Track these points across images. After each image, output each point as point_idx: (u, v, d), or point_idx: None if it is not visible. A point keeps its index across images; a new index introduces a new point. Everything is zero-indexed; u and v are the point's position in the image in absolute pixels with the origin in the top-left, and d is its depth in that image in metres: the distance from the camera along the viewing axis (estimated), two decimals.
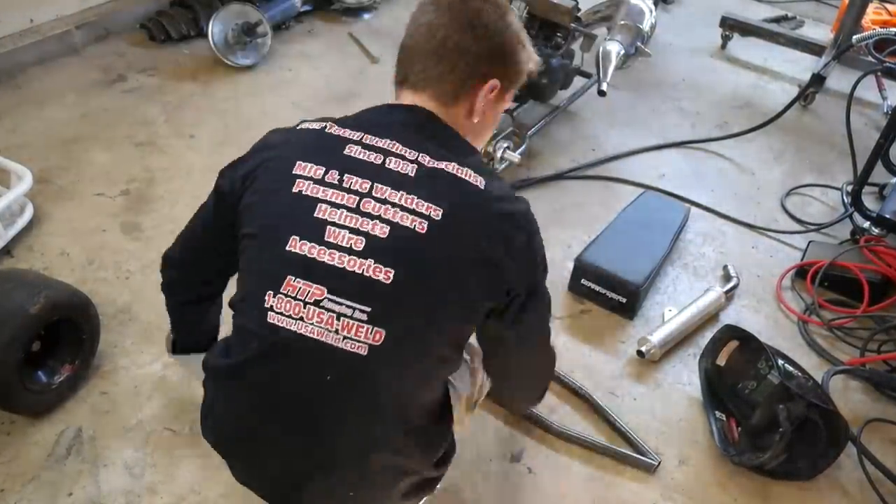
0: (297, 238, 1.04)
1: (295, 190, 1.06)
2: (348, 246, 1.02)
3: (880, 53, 3.13)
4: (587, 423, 1.83)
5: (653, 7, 2.84)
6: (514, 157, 2.44)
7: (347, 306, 1.02)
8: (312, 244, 1.03)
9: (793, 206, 2.65)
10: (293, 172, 1.07)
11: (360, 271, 1.02)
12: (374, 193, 1.05)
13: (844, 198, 2.63)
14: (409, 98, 1.18)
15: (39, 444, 1.66)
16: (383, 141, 1.10)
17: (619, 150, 2.84)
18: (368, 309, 1.01)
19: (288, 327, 1.03)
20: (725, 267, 2.31)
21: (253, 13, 3.15)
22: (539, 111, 2.95)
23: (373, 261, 1.02)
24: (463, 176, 1.07)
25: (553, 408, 1.84)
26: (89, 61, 3.10)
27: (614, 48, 2.63)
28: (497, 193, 1.09)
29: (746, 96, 3.31)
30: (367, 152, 1.08)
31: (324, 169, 1.07)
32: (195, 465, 1.63)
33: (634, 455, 1.74)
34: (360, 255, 1.02)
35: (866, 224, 2.44)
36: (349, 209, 1.04)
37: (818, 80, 3.07)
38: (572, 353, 2.01)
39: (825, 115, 3.20)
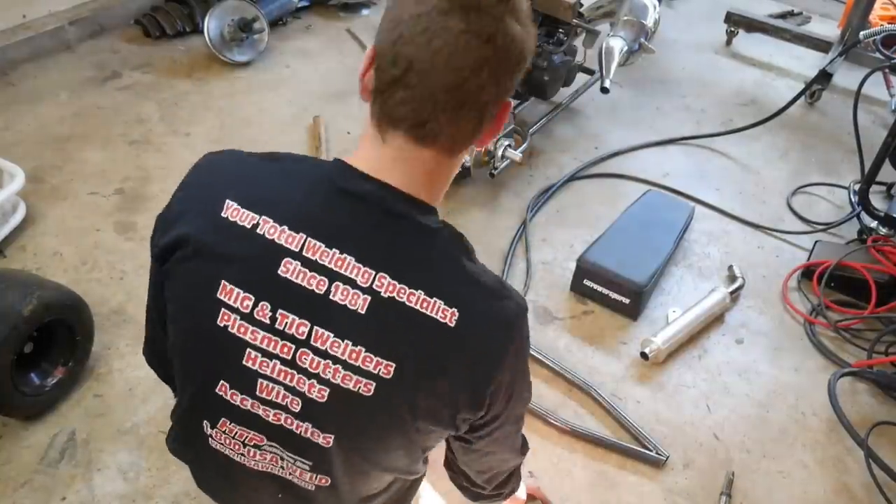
0: (227, 385, 0.90)
1: (220, 323, 0.87)
2: (284, 404, 0.89)
3: (888, 50, 3.13)
4: (593, 419, 1.83)
5: (656, 2, 2.84)
6: (516, 155, 2.44)
7: (289, 456, 0.93)
8: (244, 396, 0.90)
9: (799, 205, 2.65)
10: (217, 297, 0.87)
11: (298, 432, 0.90)
12: (312, 342, 0.86)
13: (852, 197, 2.63)
14: (400, 150, 0.87)
15: (32, 447, 1.66)
16: (331, 253, 0.85)
17: (622, 148, 2.84)
18: (310, 463, 0.93)
19: (231, 457, 0.97)
20: (731, 267, 2.31)
21: (249, 9, 3.15)
22: (541, 109, 2.95)
23: (311, 425, 0.89)
24: (430, 312, 0.84)
25: (559, 404, 1.85)
26: (83, 58, 3.10)
27: (617, 44, 2.63)
28: (474, 328, 0.86)
29: (752, 93, 3.31)
30: (309, 273, 0.85)
31: (253, 299, 0.86)
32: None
33: (642, 450, 1.74)
34: (296, 416, 0.89)
35: (874, 224, 2.44)
36: (283, 361, 0.87)
37: (825, 76, 3.07)
38: (575, 354, 2.01)
39: (832, 112, 3.20)
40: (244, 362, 0.88)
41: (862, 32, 2.65)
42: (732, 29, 3.65)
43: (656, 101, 3.19)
